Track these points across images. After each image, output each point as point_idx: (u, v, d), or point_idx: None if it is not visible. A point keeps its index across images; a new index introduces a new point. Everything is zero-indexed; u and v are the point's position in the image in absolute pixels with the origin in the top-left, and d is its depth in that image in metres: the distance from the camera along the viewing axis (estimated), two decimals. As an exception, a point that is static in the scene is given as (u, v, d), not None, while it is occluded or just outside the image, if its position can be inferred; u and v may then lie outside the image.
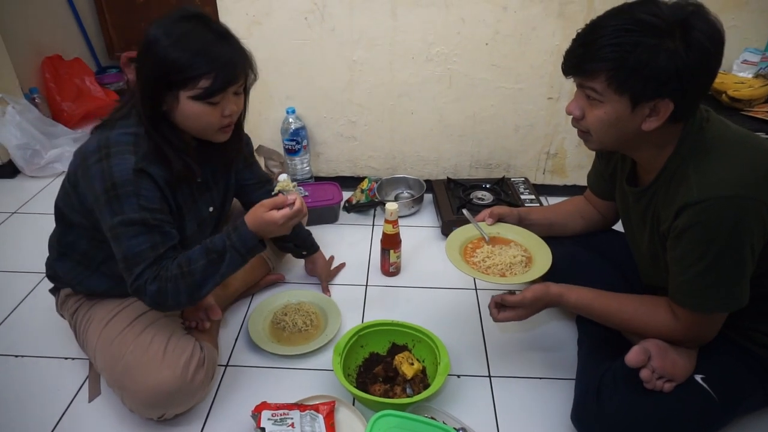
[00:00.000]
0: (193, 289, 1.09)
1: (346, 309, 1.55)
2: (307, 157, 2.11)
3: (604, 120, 0.98)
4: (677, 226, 0.96)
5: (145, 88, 1.06)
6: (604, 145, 1.05)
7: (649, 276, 1.18)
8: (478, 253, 1.24)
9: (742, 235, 0.91)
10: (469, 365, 1.37)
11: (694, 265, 0.96)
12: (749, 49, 1.83)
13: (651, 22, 0.87)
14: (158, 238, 1.08)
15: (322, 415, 1.15)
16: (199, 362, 1.17)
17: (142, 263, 1.06)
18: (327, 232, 1.91)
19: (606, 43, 0.90)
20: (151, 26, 1.05)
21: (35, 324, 1.50)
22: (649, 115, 0.94)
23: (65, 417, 1.23)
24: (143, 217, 1.05)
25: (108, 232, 1.06)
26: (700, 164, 0.95)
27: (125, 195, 1.04)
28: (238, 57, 1.08)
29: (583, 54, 0.94)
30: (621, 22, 0.89)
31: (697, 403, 1.04)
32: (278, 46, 1.89)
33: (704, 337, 1.05)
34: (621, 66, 0.89)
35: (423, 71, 1.93)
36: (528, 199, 1.96)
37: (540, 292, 1.13)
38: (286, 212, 1.11)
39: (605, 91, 0.94)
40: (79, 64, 2.88)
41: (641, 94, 0.91)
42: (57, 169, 2.35)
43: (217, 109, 1.09)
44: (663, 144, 1.00)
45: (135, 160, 1.05)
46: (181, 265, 1.08)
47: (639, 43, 0.87)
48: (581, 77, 0.97)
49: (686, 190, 0.94)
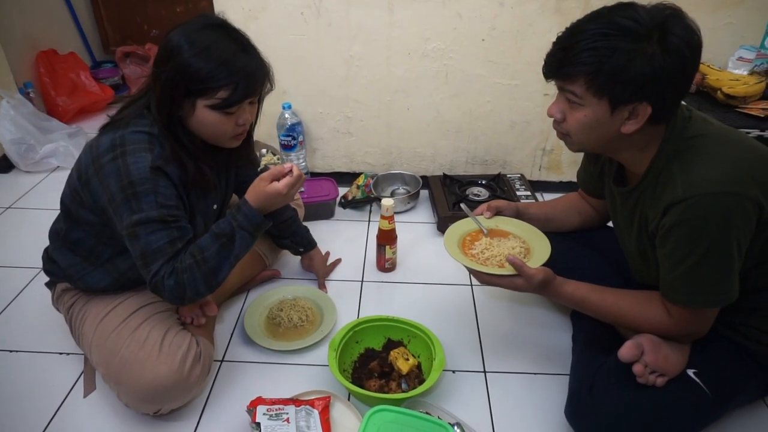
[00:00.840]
0: (209, 276, 1.10)
1: (342, 304, 1.55)
2: (303, 152, 2.11)
3: (584, 123, 0.99)
4: (665, 224, 0.97)
5: (164, 94, 1.06)
6: (584, 147, 1.07)
7: (640, 273, 1.19)
8: (476, 246, 1.24)
9: (728, 231, 0.92)
10: (464, 361, 1.38)
11: (682, 262, 0.96)
12: (744, 47, 1.83)
13: (628, 27, 0.88)
14: (176, 234, 1.09)
15: (317, 411, 1.15)
16: (196, 357, 1.18)
17: (161, 259, 1.07)
18: (323, 228, 1.91)
19: (584, 47, 0.91)
20: (173, 33, 1.05)
21: (30, 319, 1.50)
22: (628, 118, 0.95)
23: (60, 412, 1.23)
24: (161, 214, 1.06)
25: (124, 230, 1.07)
26: (685, 163, 0.96)
27: (144, 193, 1.04)
28: (258, 69, 1.09)
29: (563, 58, 0.95)
30: (599, 26, 0.90)
31: (689, 397, 1.05)
32: (274, 41, 1.88)
33: (697, 332, 1.06)
34: (599, 70, 0.91)
35: (419, 67, 1.93)
36: (524, 196, 1.97)
37: (550, 275, 1.12)
38: (287, 181, 1.14)
39: (584, 94, 0.95)
40: (74, 59, 2.87)
41: (619, 97, 0.92)
42: (52, 164, 2.34)
43: (232, 118, 1.10)
44: (645, 145, 1.02)
45: (152, 158, 1.05)
46: (194, 255, 1.09)
47: (616, 47, 0.88)
48: (561, 81, 0.98)
49: (672, 189, 0.95)
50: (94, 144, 1.10)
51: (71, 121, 2.69)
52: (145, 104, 1.12)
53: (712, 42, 1.86)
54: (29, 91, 2.55)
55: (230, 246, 1.12)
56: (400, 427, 1.04)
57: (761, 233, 0.95)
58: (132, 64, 3.12)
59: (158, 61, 1.07)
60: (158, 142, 1.09)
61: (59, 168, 2.34)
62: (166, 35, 1.06)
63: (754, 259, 0.98)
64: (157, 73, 1.06)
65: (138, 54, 3.11)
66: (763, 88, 1.73)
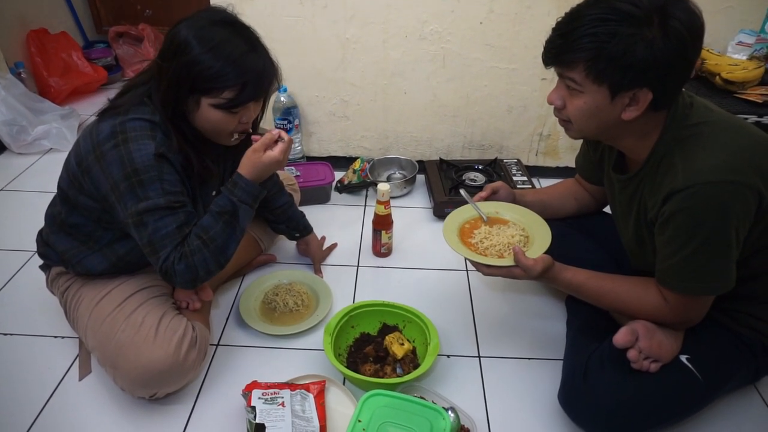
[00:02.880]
0: (218, 254, 1.11)
1: (338, 289, 1.55)
2: (299, 136, 2.10)
3: (584, 110, 0.98)
4: (665, 212, 0.96)
5: (170, 90, 1.05)
6: (585, 134, 1.06)
7: (637, 260, 1.19)
8: (475, 234, 1.23)
9: (727, 220, 0.91)
10: (459, 345, 1.38)
11: (681, 249, 0.96)
12: (744, 31, 1.82)
13: (628, 11, 0.87)
14: (183, 219, 1.09)
15: (312, 395, 1.16)
16: (191, 341, 1.18)
17: (170, 245, 1.07)
18: (319, 213, 1.90)
19: (583, 33, 0.89)
20: (182, 27, 1.03)
21: (25, 302, 1.49)
22: (628, 105, 0.94)
23: (55, 395, 1.23)
24: (168, 201, 1.06)
25: (130, 218, 1.06)
26: (686, 151, 0.95)
27: (149, 180, 1.04)
28: (266, 70, 1.08)
29: (562, 44, 0.94)
30: (598, 11, 0.89)
31: (681, 382, 1.06)
32: (270, 24, 1.85)
33: (692, 318, 1.07)
34: (598, 56, 0.89)
35: (416, 50, 1.91)
36: (520, 181, 1.96)
37: (549, 263, 1.11)
38: (282, 147, 1.15)
39: (584, 81, 0.94)
40: (65, 38, 2.82)
41: (619, 83, 0.91)
42: (44, 146, 2.31)
43: (235, 117, 1.10)
44: (646, 132, 1.01)
45: (155, 146, 1.05)
46: (199, 236, 1.09)
47: (616, 33, 0.87)
48: (560, 67, 0.97)
49: (672, 177, 0.95)
50: (93, 130, 1.08)
51: (64, 102, 2.65)
52: (146, 93, 1.10)
53: (712, 26, 1.84)
54: (20, 71, 2.51)
55: (234, 222, 1.13)
56: (394, 411, 1.05)
57: (761, 221, 0.95)
58: (125, 45, 3.07)
59: (165, 55, 1.05)
60: (161, 129, 1.08)
61: (52, 150, 2.32)
62: (174, 28, 1.04)
63: (752, 246, 0.99)
64: (164, 67, 1.04)
65: (131, 34, 3.06)
66: (762, 73, 1.72)
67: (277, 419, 1.07)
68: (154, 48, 2.99)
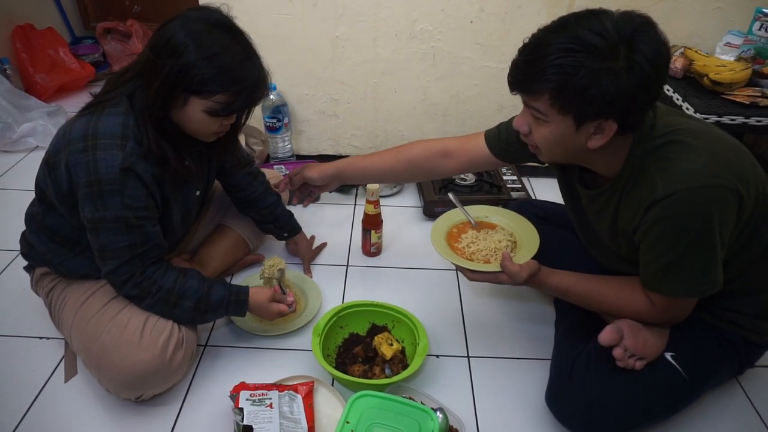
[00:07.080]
0: (168, 316, 1.17)
1: (327, 289, 1.55)
2: (289, 134, 2.08)
3: (549, 139, 0.97)
4: (647, 220, 0.96)
5: (161, 86, 1.03)
6: (554, 159, 1.07)
7: (607, 262, 1.21)
8: (462, 239, 1.23)
9: (711, 223, 0.92)
10: (447, 346, 1.39)
11: (665, 254, 0.97)
12: (732, 32, 1.82)
13: (594, 43, 0.85)
14: (138, 239, 1.09)
15: (300, 396, 1.15)
16: (178, 343, 1.17)
17: (118, 259, 1.09)
18: (308, 212, 1.89)
19: (549, 63, 0.87)
20: (177, 27, 1.01)
21: (9, 303, 1.47)
22: (594, 133, 0.94)
23: (40, 397, 1.22)
24: (126, 215, 1.06)
25: (87, 222, 1.07)
26: (661, 160, 0.95)
27: (109, 193, 1.04)
28: (260, 81, 1.08)
29: (528, 72, 0.92)
30: (564, 41, 0.87)
31: (666, 380, 1.08)
32: (258, 21, 1.84)
33: (677, 317, 1.08)
34: (563, 88, 0.88)
35: (406, 48, 1.90)
36: (510, 180, 1.97)
37: (535, 268, 1.11)
38: (284, 309, 1.31)
39: (549, 111, 0.93)
40: (52, 34, 2.79)
41: (584, 115, 0.90)
42: (30, 144, 2.28)
43: (219, 119, 1.10)
44: (614, 152, 1.00)
45: (122, 157, 1.03)
46: (170, 292, 1.14)
47: (581, 65, 0.85)
48: (526, 96, 0.96)
49: (651, 188, 0.95)
50: (68, 129, 1.07)
51: (50, 99, 2.62)
52: (128, 92, 1.08)
53: (701, 26, 1.85)
54: (6, 67, 2.48)
55: (205, 314, 1.21)
56: (382, 412, 1.04)
57: (739, 222, 0.95)
58: (113, 41, 3.03)
59: (158, 53, 1.02)
60: (133, 134, 1.06)
61: (38, 147, 2.29)
62: (169, 26, 1.02)
63: (731, 249, 0.99)
64: (157, 64, 1.02)
65: (119, 30, 3.02)
66: (749, 74, 1.72)
67: (265, 421, 1.07)
68: (143, 44, 2.95)
